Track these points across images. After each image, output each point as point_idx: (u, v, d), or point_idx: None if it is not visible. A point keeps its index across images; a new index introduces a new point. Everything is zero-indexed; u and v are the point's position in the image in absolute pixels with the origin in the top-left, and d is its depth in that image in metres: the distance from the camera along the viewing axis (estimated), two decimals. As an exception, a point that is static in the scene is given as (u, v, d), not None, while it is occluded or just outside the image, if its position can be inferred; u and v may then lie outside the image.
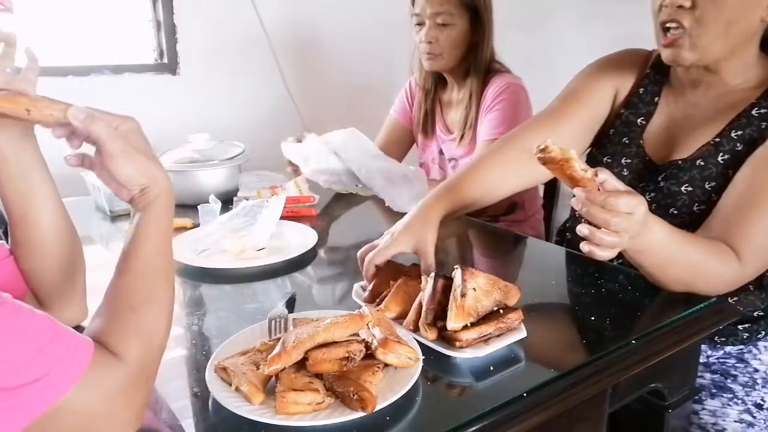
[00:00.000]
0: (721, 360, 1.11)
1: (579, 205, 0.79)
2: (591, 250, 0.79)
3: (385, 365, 0.70)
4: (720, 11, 0.93)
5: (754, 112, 1.00)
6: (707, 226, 0.96)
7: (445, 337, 0.78)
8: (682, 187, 1.03)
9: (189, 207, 1.38)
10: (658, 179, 1.06)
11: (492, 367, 0.75)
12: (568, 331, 0.89)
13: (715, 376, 1.10)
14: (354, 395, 0.64)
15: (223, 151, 1.54)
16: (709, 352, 1.11)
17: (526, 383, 0.71)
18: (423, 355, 0.73)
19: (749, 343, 1.08)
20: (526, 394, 0.69)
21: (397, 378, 0.70)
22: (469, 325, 0.77)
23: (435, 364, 0.76)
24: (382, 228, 1.03)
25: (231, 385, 0.68)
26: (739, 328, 1.07)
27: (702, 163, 1.02)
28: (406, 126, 1.82)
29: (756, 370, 1.08)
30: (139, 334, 0.59)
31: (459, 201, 1.11)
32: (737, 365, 1.09)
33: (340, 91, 2.53)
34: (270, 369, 0.67)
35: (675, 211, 1.03)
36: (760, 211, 0.91)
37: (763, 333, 1.08)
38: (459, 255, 1.24)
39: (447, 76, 1.69)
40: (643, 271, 0.92)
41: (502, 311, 0.80)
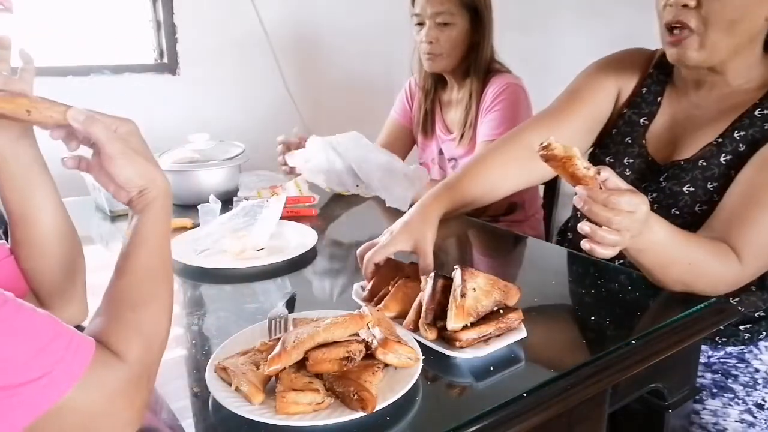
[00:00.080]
0: (722, 360, 1.11)
1: (581, 202, 0.79)
2: (592, 248, 0.79)
3: (385, 365, 0.70)
4: (725, 9, 0.93)
5: (757, 113, 0.99)
6: (708, 226, 0.96)
7: (445, 337, 0.78)
8: (684, 188, 1.03)
9: (189, 207, 1.38)
10: (661, 179, 1.06)
11: (492, 367, 0.75)
12: (568, 331, 0.89)
13: (716, 376, 1.10)
14: (354, 395, 0.64)
15: (223, 151, 1.54)
16: (710, 353, 1.11)
17: (526, 383, 0.71)
18: (423, 355, 0.73)
19: (750, 343, 1.09)
20: (526, 394, 0.69)
21: (397, 378, 0.69)
22: (469, 325, 0.77)
23: (435, 364, 0.75)
24: (382, 228, 1.03)
25: (231, 385, 0.68)
26: (741, 328, 1.07)
27: (704, 163, 1.02)
28: (406, 126, 1.82)
29: (757, 370, 1.08)
30: (139, 334, 0.60)
31: (459, 199, 1.11)
32: (738, 365, 1.09)
33: (340, 91, 2.53)
34: (270, 369, 0.67)
35: (677, 212, 1.03)
36: (762, 212, 0.91)
37: (764, 333, 1.08)
38: (459, 255, 1.24)
39: (447, 76, 1.68)
40: (644, 270, 0.92)
41: (502, 311, 0.80)
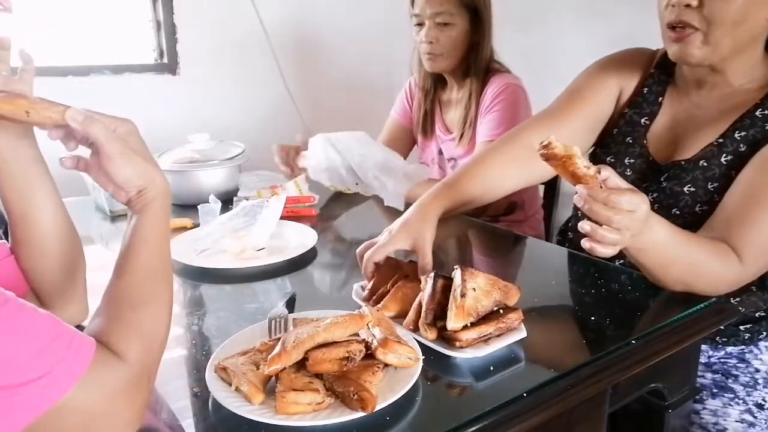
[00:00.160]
0: (722, 360, 1.11)
1: (581, 201, 0.78)
2: (592, 247, 0.79)
3: (385, 365, 0.70)
4: (727, 9, 0.93)
5: (758, 113, 0.99)
6: (709, 226, 0.95)
7: (445, 337, 0.78)
8: (685, 188, 1.03)
9: (189, 207, 1.38)
10: (661, 179, 1.06)
11: (492, 367, 0.75)
12: (568, 331, 0.89)
13: (716, 375, 1.10)
14: (354, 395, 0.64)
15: (223, 151, 1.54)
16: (710, 353, 1.11)
17: (526, 383, 0.71)
18: (423, 355, 0.73)
19: (750, 343, 1.08)
20: (526, 394, 0.69)
21: (397, 378, 0.69)
22: (469, 325, 0.77)
23: (435, 364, 0.75)
24: (382, 227, 1.03)
25: (231, 385, 0.68)
26: (741, 328, 1.07)
27: (705, 163, 1.02)
28: (406, 126, 1.82)
29: (757, 370, 1.08)
30: (139, 334, 0.60)
31: (458, 198, 1.11)
32: (738, 365, 1.09)
33: (340, 91, 2.53)
34: (270, 369, 0.67)
35: (677, 212, 1.03)
36: (762, 212, 0.91)
37: (764, 333, 1.08)
38: (459, 255, 1.24)
39: (447, 76, 1.68)
40: (644, 270, 0.92)
41: (502, 311, 0.80)
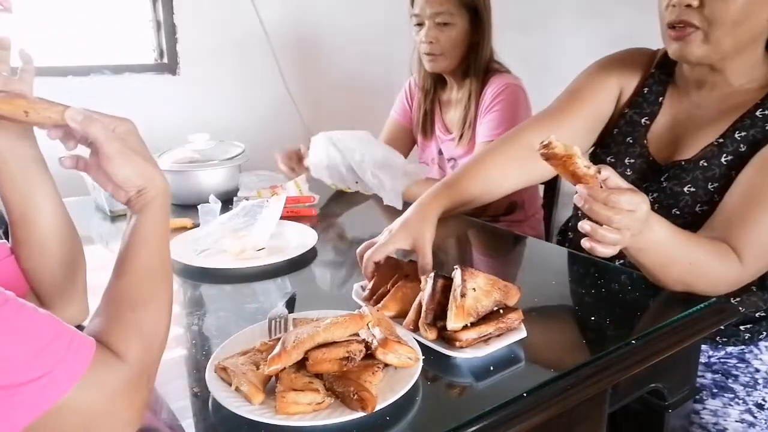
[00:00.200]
0: (722, 360, 1.11)
1: (581, 201, 0.78)
2: (592, 247, 0.79)
3: (385, 365, 0.70)
4: (728, 10, 0.93)
5: (758, 113, 0.99)
6: (709, 226, 0.95)
7: (445, 337, 0.78)
8: (685, 188, 1.03)
9: (189, 207, 1.38)
10: (661, 179, 1.06)
11: (492, 367, 0.75)
12: (568, 331, 0.89)
13: (716, 375, 1.10)
14: (354, 395, 0.64)
15: (223, 151, 1.54)
16: (710, 353, 1.11)
17: (526, 383, 0.71)
18: (423, 355, 0.73)
19: (751, 343, 1.08)
20: (526, 394, 0.69)
21: (397, 378, 0.69)
22: (469, 325, 0.77)
23: (435, 364, 0.75)
24: (382, 227, 1.03)
25: (231, 385, 0.68)
26: (741, 328, 1.07)
27: (705, 163, 1.02)
28: (406, 126, 1.82)
29: (757, 370, 1.08)
30: (139, 334, 0.60)
31: (458, 198, 1.11)
32: (738, 365, 1.09)
33: (340, 91, 2.53)
34: (270, 369, 0.67)
35: (677, 212, 1.03)
36: (762, 212, 0.90)
37: (764, 333, 1.08)
38: (459, 255, 1.24)
39: (446, 76, 1.68)
40: (644, 270, 0.92)
41: (502, 311, 0.80)
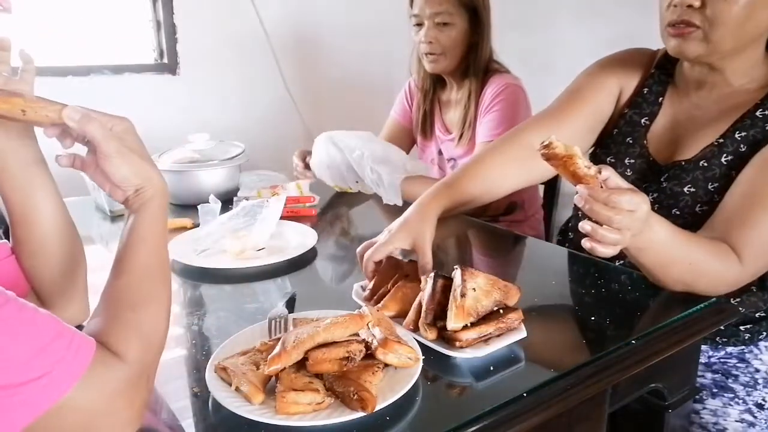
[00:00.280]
0: (722, 360, 1.11)
1: (582, 202, 0.79)
2: (593, 247, 0.79)
3: (385, 365, 0.70)
4: (730, 10, 0.93)
5: (759, 114, 0.99)
6: (709, 226, 0.95)
7: (445, 337, 0.78)
8: (685, 188, 1.03)
9: (189, 207, 1.38)
10: (661, 180, 1.06)
11: (492, 367, 0.75)
12: (568, 331, 0.89)
13: (716, 375, 1.10)
14: (354, 395, 0.64)
15: (223, 151, 1.54)
16: (710, 353, 1.11)
17: (526, 383, 0.71)
18: (423, 355, 0.73)
19: (750, 343, 1.08)
20: (526, 394, 0.69)
21: (397, 378, 0.69)
22: (469, 325, 0.77)
23: (435, 364, 0.75)
24: (382, 227, 1.03)
25: (231, 385, 0.68)
26: (741, 328, 1.07)
27: (705, 164, 1.02)
28: (406, 127, 1.82)
29: (757, 370, 1.08)
30: (139, 334, 0.60)
31: (457, 198, 1.11)
32: (738, 365, 1.09)
33: (340, 91, 2.53)
34: (270, 369, 0.67)
35: (678, 212, 1.03)
36: (762, 212, 0.90)
37: (764, 333, 1.08)
38: (459, 255, 1.24)
39: (446, 77, 1.68)
40: (644, 270, 0.92)
41: (502, 311, 0.80)
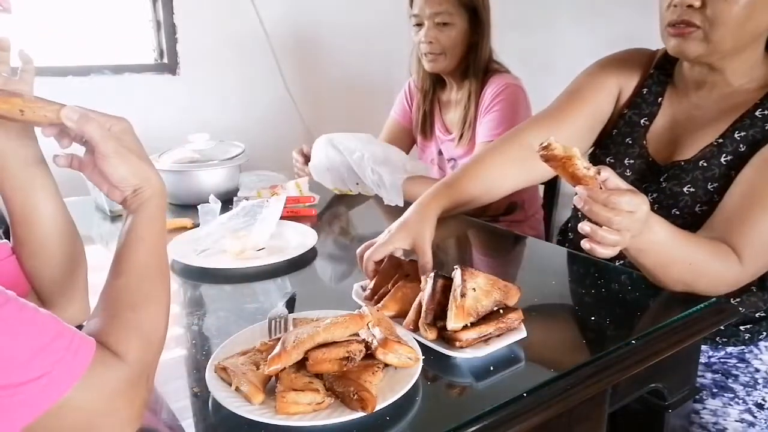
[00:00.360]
0: (722, 360, 1.11)
1: (581, 203, 0.79)
2: (592, 248, 0.79)
3: (385, 365, 0.70)
4: (731, 10, 0.93)
5: (758, 113, 0.99)
6: (709, 226, 0.95)
7: (445, 337, 0.78)
8: (685, 188, 1.03)
9: (189, 207, 1.38)
10: (661, 180, 1.06)
11: (492, 367, 0.75)
12: (568, 331, 0.89)
13: (716, 375, 1.10)
14: (354, 395, 0.64)
15: (223, 151, 1.54)
16: (710, 353, 1.11)
17: (526, 383, 0.71)
18: (423, 355, 0.73)
19: (750, 343, 1.08)
20: (526, 394, 0.69)
21: (397, 378, 0.69)
22: (469, 325, 0.77)
23: (435, 364, 0.75)
24: (382, 228, 1.03)
25: (231, 385, 0.68)
26: (741, 328, 1.07)
27: (705, 164, 1.02)
28: (406, 127, 1.82)
29: (757, 370, 1.08)
30: (139, 334, 0.60)
31: (457, 198, 1.11)
32: (738, 365, 1.09)
33: (340, 91, 2.53)
34: (270, 369, 0.67)
35: (677, 212, 1.03)
36: (762, 212, 0.90)
37: (764, 333, 1.08)
38: (459, 255, 1.24)
39: (446, 77, 1.68)
40: (644, 270, 0.92)
41: (502, 311, 0.80)
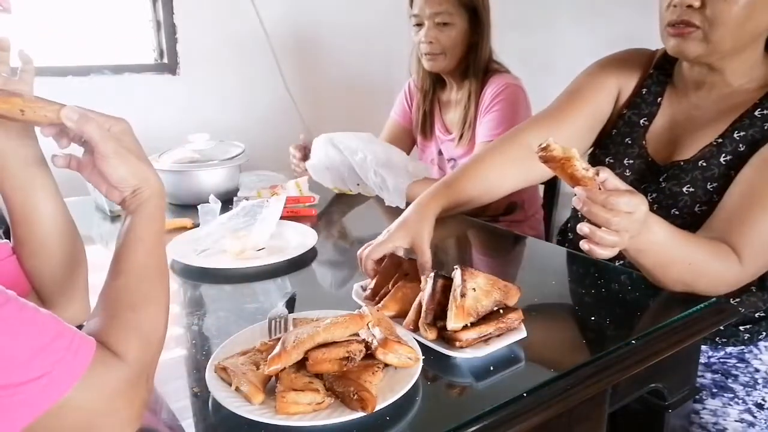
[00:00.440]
0: (722, 360, 1.11)
1: (580, 204, 0.79)
2: (591, 249, 0.79)
3: (385, 365, 0.70)
4: (730, 10, 0.93)
5: (757, 113, 0.99)
6: (708, 226, 0.95)
7: (445, 337, 0.78)
8: (684, 188, 1.03)
9: (189, 207, 1.38)
10: (660, 180, 1.06)
11: (492, 367, 0.75)
12: (568, 331, 0.89)
13: (716, 375, 1.10)
14: (354, 395, 0.64)
15: (223, 151, 1.54)
16: (710, 353, 1.11)
17: (526, 383, 0.71)
18: (423, 355, 0.73)
19: (750, 343, 1.08)
20: (526, 394, 0.69)
21: (397, 378, 0.69)
22: (469, 325, 0.77)
23: (435, 364, 0.76)
24: (383, 228, 1.03)
25: (231, 385, 0.68)
26: (741, 329, 1.07)
27: (704, 163, 1.02)
28: (406, 127, 1.82)
29: (757, 370, 1.08)
30: (138, 334, 0.60)
31: (457, 197, 1.11)
32: (738, 365, 1.09)
33: (340, 91, 2.53)
34: (270, 369, 0.67)
35: (677, 212, 1.03)
36: (762, 212, 0.90)
37: (764, 334, 1.08)
38: (459, 255, 1.24)
39: (445, 77, 1.68)
40: (644, 271, 0.92)
41: (502, 311, 0.80)
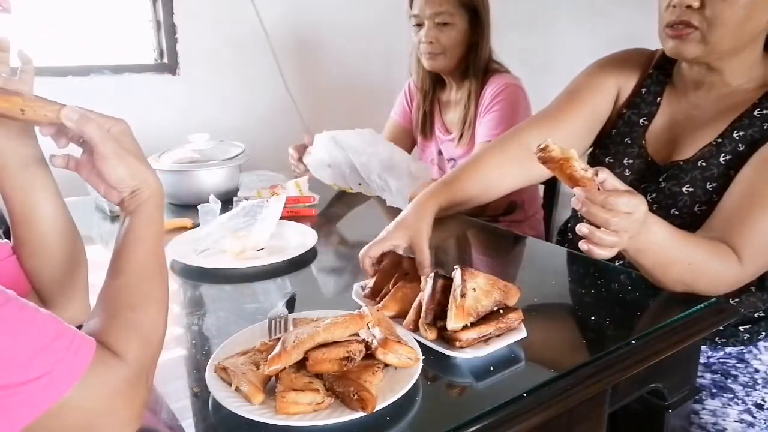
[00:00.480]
0: (721, 360, 1.11)
1: (579, 204, 0.79)
2: (590, 249, 0.79)
3: (385, 365, 0.70)
4: (730, 11, 0.93)
5: (756, 113, 0.99)
6: (708, 226, 0.95)
7: (445, 337, 0.78)
8: (684, 188, 1.03)
9: (189, 207, 1.38)
10: (660, 180, 1.06)
11: (492, 367, 0.75)
12: (568, 331, 0.89)
13: (715, 376, 1.10)
14: (354, 395, 0.64)
15: (223, 151, 1.54)
16: (709, 353, 1.11)
17: (526, 383, 0.71)
18: (423, 355, 0.73)
19: (750, 343, 1.08)
20: (526, 394, 0.69)
21: (397, 378, 0.70)
22: (469, 325, 0.77)
23: (435, 364, 0.76)
24: (383, 228, 1.03)
25: (231, 385, 0.68)
26: (740, 329, 1.07)
27: (704, 163, 1.02)
28: (406, 127, 1.83)
29: (756, 371, 1.08)
30: (138, 334, 0.60)
31: (455, 196, 1.11)
32: (738, 365, 1.09)
33: (340, 91, 2.53)
34: (270, 369, 0.67)
35: (676, 212, 1.03)
36: (761, 212, 0.90)
37: (763, 334, 1.08)
38: (459, 255, 1.24)
39: (445, 77, 1.69)
40: (644, 271, 0.92)
41: (502, 311, 0.80)
